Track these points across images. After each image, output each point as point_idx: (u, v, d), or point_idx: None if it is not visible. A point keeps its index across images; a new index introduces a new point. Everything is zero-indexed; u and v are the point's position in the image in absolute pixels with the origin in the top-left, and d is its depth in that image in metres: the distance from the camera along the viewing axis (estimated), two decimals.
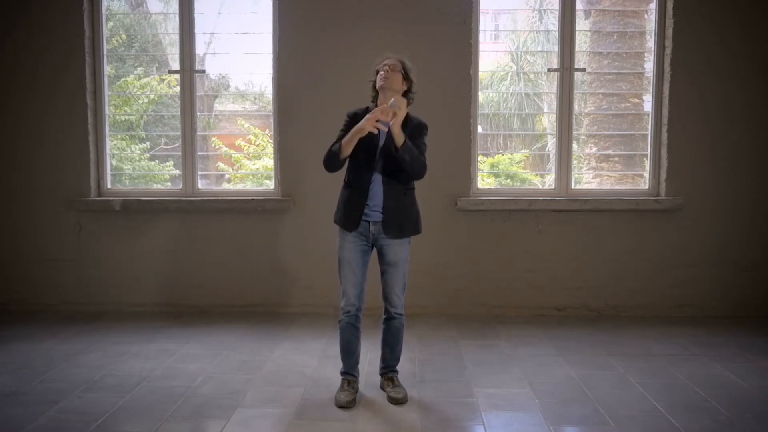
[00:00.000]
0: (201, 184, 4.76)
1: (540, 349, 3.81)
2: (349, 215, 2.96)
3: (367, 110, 2.97)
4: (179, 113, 4.72)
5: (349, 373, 3.06)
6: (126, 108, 5.74)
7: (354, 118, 2.98)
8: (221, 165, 6.87)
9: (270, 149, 5.05)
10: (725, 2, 4.43)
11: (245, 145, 6.90)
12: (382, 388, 3.10)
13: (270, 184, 4.82)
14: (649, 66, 4.81)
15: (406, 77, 2.97)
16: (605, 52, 5.97)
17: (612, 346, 3.85)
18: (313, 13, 4.51)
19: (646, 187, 4.69)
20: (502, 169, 7.10)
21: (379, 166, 2.92)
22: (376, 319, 3.24)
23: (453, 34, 4.48)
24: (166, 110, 5.70)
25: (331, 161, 2.94)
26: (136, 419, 2.79)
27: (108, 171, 4.78)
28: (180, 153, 4.73)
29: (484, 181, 5.56)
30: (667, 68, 4.50)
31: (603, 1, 6.37)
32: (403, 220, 2.98)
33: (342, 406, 2.92)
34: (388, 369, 3.10)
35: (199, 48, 4.77)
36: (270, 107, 4.82)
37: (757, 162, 4.52)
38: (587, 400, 3.02)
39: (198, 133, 4.74)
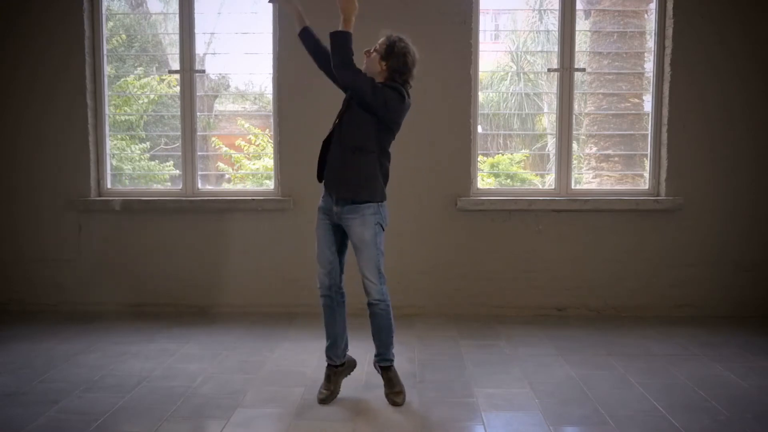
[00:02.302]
0: (201, 184, 4.77)
1: (540, 349, 3.81)
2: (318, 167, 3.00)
3: None
4: (179, 113, 4.72)
5: (327, 355, 3.06)
6: (126, 108, 5.75)
7: None
8: (221, 165, 6.88)
9: (270, 149, 5.05)
10: (725, 2, 4.43)
11: (245, 145, 6.91)
12: (383, 379, 3.05)
13: (270, 184, 4.82)
14: (649, 66, 4.81)
15: (385, 57, 2.87)
16: (605, 52, 5.97)
17: (612, 346, 3.85)
18: (313, 13, 4.49)
19: (646, 187, 4.69)
20: (502, 169, 7.10)
21: (337, 132, 2.92)
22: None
23: (453, 34, 4.48)
24: (166, 110, 5.70)
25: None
26: (136, 419, 2.79)
27: (108, 171, 4.78)
28: (180, 153, 4.74)
29: (484, 181, 5.57)
30: (667, 68, 4.50)
31: (603, 1, 6.37)
32: (343, 179, 2.85)
33: (319, 403, 2.96)
34: (380, 357, 3.05)
35: (199, 48, 4.77)
36: (270, 107, 4.82)
37: (757, 162, 4.52)
38: (587, 400, 3.02)
39: (198, 133, 4.74)
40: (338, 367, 3.08)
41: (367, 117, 2.85)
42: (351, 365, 3.17)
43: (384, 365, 3.05)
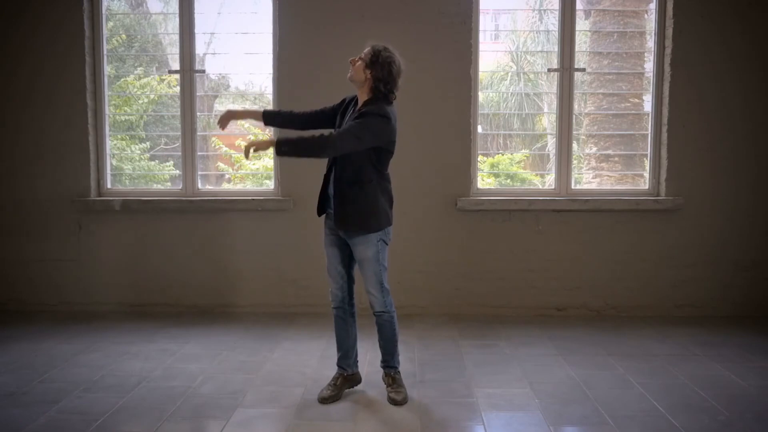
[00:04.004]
0: (201, 184, 4.77)
1: (540, 349, 3.81)
2: (318, 202, 3.06)
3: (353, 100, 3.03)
4: (179, 113, 4.72)
5: (339, 365, 3.12)
6: (126, 108, 5.74)
7: (341, 104, 3.07)
8: (221, 165, 6.87)
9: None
10: (725, 2, 4.43)
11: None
12: (384, 382, 3.10)
13: (270, 184, 4.82)
14: (649, 66, 4.81)
15: (370, 66, 2.84)
16: (605, 52, 5.96)
17: (612, 346, 3.85)
18: (313, 13, 4.51)
19: (646, 187, 4.69)
20: (502, 169, 7.10)
21: (334, 168, 2.94)
22: (372, 318, 3.22)
23: (453, 34, 4.48)
24: (166, 110, 5.70)
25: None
26: (136, 419, 2.80)
27: (108, 171, 4.78)
28: (180, 153, 4.74)
29: (484, 181, 5.56)
30: (667, 68, 4.50)
31: (603, 1, 6.37)
32: (346, 213, 2.88)
33: (319, 401, 2.98)
34: (385, 364, 3.09)
35: (199, 48, 4.77)
36: (270, 107, 4.82)
37: (757, 162, 4.52)
38: (587, 400, 3.02)
39: (198, 133, 4.74)
40: (348, 375, 3.12)
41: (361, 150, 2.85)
42: (357, 380, 3.18)
43: (389, 372, 3.09)
